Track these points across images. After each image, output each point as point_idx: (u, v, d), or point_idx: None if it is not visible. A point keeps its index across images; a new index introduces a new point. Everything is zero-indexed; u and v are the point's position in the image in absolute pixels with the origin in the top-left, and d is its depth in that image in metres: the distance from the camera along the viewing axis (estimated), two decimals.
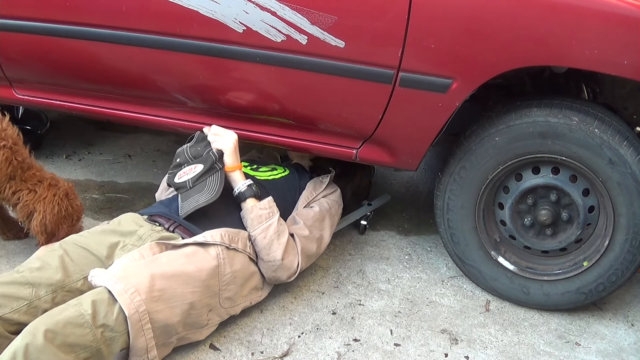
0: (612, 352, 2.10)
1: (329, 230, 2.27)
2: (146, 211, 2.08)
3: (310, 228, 2.17)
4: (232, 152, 2.08)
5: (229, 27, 2.01)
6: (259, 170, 2.32)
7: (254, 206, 2.03)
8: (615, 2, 1.78)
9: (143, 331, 1.69)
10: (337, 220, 2.40)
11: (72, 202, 2.20)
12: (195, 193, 1.99)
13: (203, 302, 1.85)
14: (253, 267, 2.02)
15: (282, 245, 2.02)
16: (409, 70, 1.95)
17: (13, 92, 2.51)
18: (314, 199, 2.31)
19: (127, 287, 1.69)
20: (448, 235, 2.26)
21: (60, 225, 2.16)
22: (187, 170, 2.04)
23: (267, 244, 2.01)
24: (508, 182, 2.17)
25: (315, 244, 2.18)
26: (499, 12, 1.84)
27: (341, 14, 1.92)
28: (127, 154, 3.14)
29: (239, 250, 1.96)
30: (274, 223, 2.02)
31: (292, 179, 2.36)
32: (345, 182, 2.53)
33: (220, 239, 1.92)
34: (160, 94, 2.31)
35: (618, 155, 1.96)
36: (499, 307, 2.26)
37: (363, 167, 2.62)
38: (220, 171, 2.04)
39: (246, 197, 2.05)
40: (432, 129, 2.06)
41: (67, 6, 2.17)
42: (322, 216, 2.26)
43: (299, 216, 2.21)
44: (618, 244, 2.07)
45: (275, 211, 2.06)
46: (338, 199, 2.41)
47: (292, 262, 2.06)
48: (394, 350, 2.02)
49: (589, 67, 1.89)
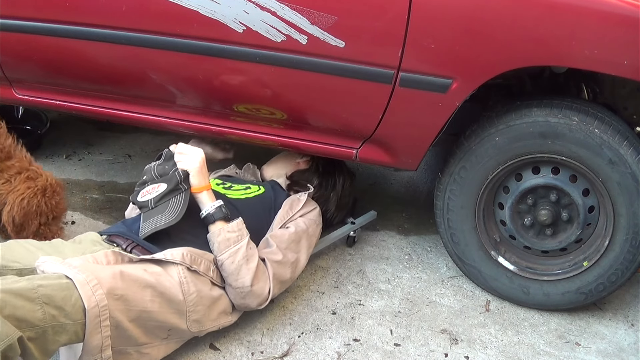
0: (612, 352, 2.10)
1: (305, 253, 2.15)
2: (106, 231, 1.99)
3: (285, 251, 2.05)
4: (197, 172, 1.95)
5: (229, 27, 2.01)
6: (232, 188, 2.21)
7: (221, 229, 1.91)
8: (615, 2, 1.78)
9: (100, 328, 1.60)
10: (316, 241, 2.27)
11: (48, 200, 2.12)
12: (157, 214, 1.90)
13: (165, 317, 1.76)
14: (218, 291, 1.91)
15: (252, 271, 1.90)
16: (409, 70, 1.95)
17: (13, 92, 2.51)
18: (290, 219, 2.18)
19: (90, 279, 1.61)
20: (448, 235, 2.26)
21: (30, 221, 2.08)
22: (150, 189, 1.95)
23: (235, 269, 1.89)
24: (508, 182, 2.17)
25: (290, 269, 2.06)
26: (499, 12, 1.84)
27: (341, 14, 1.91)
28: (127, 154, 3.14)
29: (199, 273, 1.84)
30: (242, 247, 1.90)
31: (267, 197, 2.24)
32: (326, 197, 2.41)
33: (180, 259, 1.81)
34: (160, 94, 2.31)
35: (618, 155, 1.96)
36: (499, 307, 2.26)
37: (344, 179, 2.47)
38: (185, 192, 1.93)
39: (215, 219, 1.92)
40: (432, 129, 2.06)
41: (67, 6, 2.16)
42: (297, 237, 2.13)
43: (273, 238, 2.07)
44: (618, 244, 2.07)
45: (244, 234, 1.94)
46: (316, 217, 2.28)
47: (262, 289, 1.94)
48: (394, 350, 2.02)
49: (589, 67, 1.89)
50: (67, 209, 2.26)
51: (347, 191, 2.49)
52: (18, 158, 2.13)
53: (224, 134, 2.34)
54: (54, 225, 2.19)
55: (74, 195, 2.73)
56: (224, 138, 2.40)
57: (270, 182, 2.38)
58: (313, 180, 2.40)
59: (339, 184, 2.45)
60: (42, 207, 2.12)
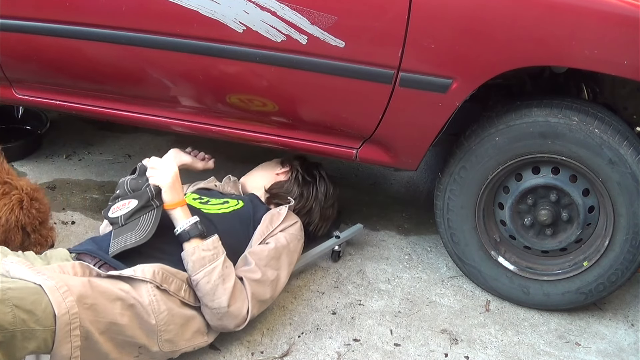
0: (612, 352, 2.10)
1: (286, 270, 2.06)
2: (75, 248, 1.91)
3: (264, 269, 1.96)
4: (169, 188, 1.86)
5: (229, 27, 2.01)
6: (209, 203, 2.12)
7: (195, 247, 1.81)
8: (615, 2, 1.78)
9: (70, 337, 1.54)
10: (297, 256, 2.16)
11: (27, 211, 2.05)
12: (127, 232, 1.82)
13: (135, 332, 1.69)
14: (190, 311, 1.82)
15: (228, 291, 1.81)
16: (409, 70, 1.95)
17: (13, 92, 2.51)
18: (270, 234, 2.07)
19: (60, 285, 1.56)
20: (448, 235, 2.26)
21: (13, 236, 2.03)
22: (121, 205, 1.88)
23: (210, 289, 1.80)
24: (508, 182, 2.17)
25: (269, 288, 1.97)
26: (499, 12, 1.84)
27: (341, 14, 1.91)
28: (127, 154, 3.13)
29: (170, 292, 1.76)
30: (218, 266, 1.81)
31: (246, 212, 2.14)
32: (308, 208, 2.31)
33: (151, 276, 1.73)
34: (159, 94, 2.31)
35: (618, 155, 1.96)
36: (499, 307, 2.26)
37: (326, 188, 2.35)
38: (156, 209, 1.85)
39: (190, 237, 1.83)
40: (432, 129, 2.06)
41: (67, 6, 2.16)
42: (277, 254, 2.03)
43: (252, 255, 1.98)
44: (618, 244, 2.07)
45: (220, 252, 1.85)
46: (298, 232, 2.16)
47: (240, 309, 1.85)
48: (394, 350, 2.02)
49: (589, 67, 1.89)
50: (50, 209, 2.18)
51: (331, 201, 2.37)
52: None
53: (224, 134, 2.34)
54: (43, 229, 2.13)
55: (74, 195, 2.73)
56: (224, 138, 2.40)
57: (249, 196, 2.27)
58: (293, 191, 2.29)
59: (320, 193, 2.33)
60: (23, 219, 2.05)
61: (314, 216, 2.32)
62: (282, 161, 2.41)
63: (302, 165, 2.36)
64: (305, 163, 2.39)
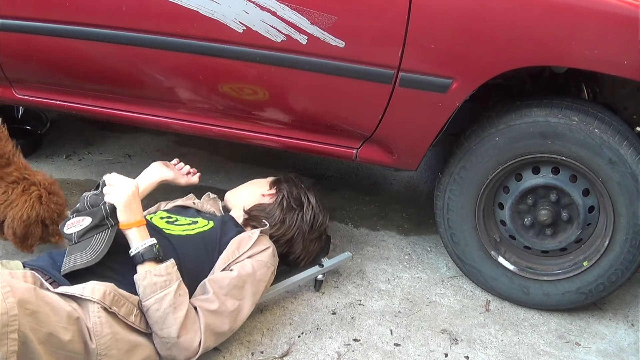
0: (612, 352, 2.10)
1: (250, 300, 1.90)
2: (29, 263, 1.84)
3: (224, 298, 1.82)
4: (124, 207, 1.76)
5: (229, 27, 2.01)
6: (176, 223, 2.00)
7: (148, 271, 1.71)
8: (615, 2, 1.78)
9: (7, 340, 1.45)
10: (265, 286, 1.98)
11: (46, 206, 2.10)
12: (78, 250, 1.74)
13: (77, 350, 1.60)
14: (138, 338, 1.72)
15: (179, 321, 1.70)
16: (409, 70, 1.95)
17: (13, 92, 2.51)
18: (235, 260, 1.92)
19: (2, 285, 1.49)
20: (448, 235, 2.26)
21: (33, 230, 2.09)
22: (76, 222, 1.79)
23: (160, 317, 1.69)
24: (508, 182, 2.17)
25: (228, 319, 1.83)
26: (499, 12, 1.84)
27: (341, 14, 1.91)
28: (127, 154, 3.13)
29: (118, 316, 1.66)
30: (170, 293, 1.70)
31: (212, 234, 1.99)
32: (288, 238, 2.14)
33: (100, 297, 1.64)
34: (159, 94, 2.31)
35: (618, 155, 1.96)
36: (499, 307, 2.26)
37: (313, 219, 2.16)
38: (110, 229, 1.77)
39: (143, 260, 1.73)
40: (432, 129, 2.06)
41: (67, 6, 2.16)
42: (241, 282, 1.88)
43: (211, 283, 1.84)
44: (618, 244, 2.07)
45: (174, 278, 1.73)
46: (268, 259, 1.98)
47: (191, 341, 1.73)
48: (394, 350, 2.02)
49: (589, 67, 1.89)
50: (66, 200, 2.23)
51: (316, 233, 2.18)
52: (16, 165, 2.11)
53: (224, 134, 2.34)
54: (61, 220, 2.15)
55: (74, 195, 2.73)
56: (224, 138, 2.40)
57: (222, 217, 2.13)
58: (274, 216, 2.12)
59: (305, 223, 2.15)
60: (43, 213, 2.11)
61: (295, 247, 2.16)
62: (271, 182, 2.24)
63: (290, 189, 2.19)
64: (296, 187, 2.20)
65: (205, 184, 2.80)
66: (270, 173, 2.38)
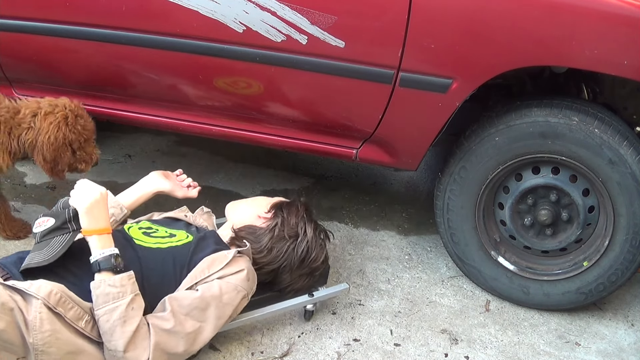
0: (612, 352, 2.10)
1: (213, 324, 1.79)
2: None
3: (182, 318, 1.74)
4: (85, 212, 1.71)
5: (229, 27, 2.01)
6: (152, 234, 1.93)
7: (102, 281, 1.67)
8: (615, 2, 1.78)
9: None
10: (233, 310, 1.84)
11: (72, 127, 2.08)
12: (37, 250, 1.73)
13: (13, 340, 1.58)
14: (86, 344, 1.67)
15: (127, 335, 1.64)
16: (409, 70, 1.95)
17: (13, 92, 2.51)
18: (204, 279, 1.81)
19: None
20: (448, 235, 2.26)
21: (62, 154, 2.08)
22: (42, 222, 1.78)
23: (109, 328, 1.65)
24: (508, 182, 2.17)
25: (184, 340, 1.73)
26: (499, 12, 1.84)
27: (341, 14, 1.91)
28: (127, 154, 3.14)
29: (65, 318, 1.62)
30: (121, 306, 1.65)
31: (185, 250, 1.88)
32: (274, 268, 1.99)
33: (44, 295, 1.60)
34: (159, 94, 2.31)
35: (618, 155, 1.96)
36: (499, 307, 2.26)
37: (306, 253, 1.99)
38: (71, 233, 1.75)
39: (100, 269, 1.68)
40: (432, 129, 2.06)
41: (66, 6, 2.16)
42: (204, 304, 1.77)
43: (172, 301, 1.75)
44: (618, 244, 2.07)
45: (128, 291, 1.67)
46: (240, 282, 1.84)
47: (137, 357, 1.67)
48: (394, 350, 2.02)
49: (589, 67, 1.89)
50: (94, 127, 2.20)
51: (307, 269, 2.02)
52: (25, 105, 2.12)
53: (224, 134, 2.34)
54: (88, 147, 2.17)
55: None
56: (224, 138, 2.40)
57: (206, 233, 2.02)
58: (262, 242, 1.98)
59: (296, 256, 1.98)
60: (70, 136, 2.09)
61: (281, 279, 2.02)
62: (272, 204, 2.08)
63: (289, 216, 2.02)
64: (295, 216, 2.03)
65: (205, 184, 2.81)
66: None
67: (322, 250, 2.05)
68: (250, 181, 2.96)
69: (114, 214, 2.04)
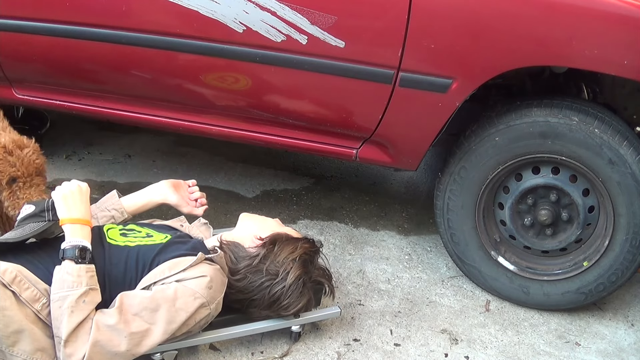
0: (612, 352, 2.10)
1: (163, 327, 1.71)
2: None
3: (130, 317, 1.69)
4: (61, 199, 1.77)
5: (229, 27, 2.01)
6: (128, 235, 1.90)
7: (61, 268, 1.68)
8: (615, 2, 1.78)
9: None
10: (185, 318, 1.73)
11: None
12: (12, 230, 1.81)
13: None
14: (36, 327, 1.67)
15: (71, 325, 1.63)
16: (409, 70, 1.95)
17: (13, 92, 2.51)
18: (162, 280, 1.74)
19: None
20: (448, 235, 2.26)
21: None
22: (24, 209, 1.84)
23: (59, 315, 1.65)
24: (508, 182, 2.17)
25: (127, 340, 1.67)
26: (499, 12, 1.84)
27: (341, 14, 1.92)
28: (127, 154, 3.13)
29: (20, 298, 1.64)
30: (73, 296, 1.64)
31: (150, 250, 1.82)
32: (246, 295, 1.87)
33: None
34: (159, 93, 2.31)
35: (618, 155, 1.96)
36: (499, 307, 2.26)
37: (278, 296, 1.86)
38: (47, 222, 1.79)
39: (64, 257, 1.70)
40: (432, 129, 2.06)
41: (66, 6, 2.17)
42: (154, 305, 1.70)
43: (123, 298, 1.71)
44: (618, 244, 2.07)
45: (84, 283, 1.66)
46: (199, 289, 1.74)
47: (74, 350, 1.63)
48: (394, 350, 2.02)
49: (589, 67, 1.89)
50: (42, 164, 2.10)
51: (275, 315, 1.90)
52: None
53: (224, 134, 2.34)
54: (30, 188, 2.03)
55: None
56: (224, 138, 2.40)
57: (179, 237, 1.94)
58: (239, 266, 1.87)
59: (266, 297, 1.86)
60: None
61: (248, 311, 1.92)
62: (273, 234, 1.94)
63: (279, 252, 1.88)
64: (288, 255, 1.87)
65: (205, 184, 2.81)
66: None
67: (299, 302, 1.87)
68: (250, 181, 2.96)
69: (113, 216, 2.07)
